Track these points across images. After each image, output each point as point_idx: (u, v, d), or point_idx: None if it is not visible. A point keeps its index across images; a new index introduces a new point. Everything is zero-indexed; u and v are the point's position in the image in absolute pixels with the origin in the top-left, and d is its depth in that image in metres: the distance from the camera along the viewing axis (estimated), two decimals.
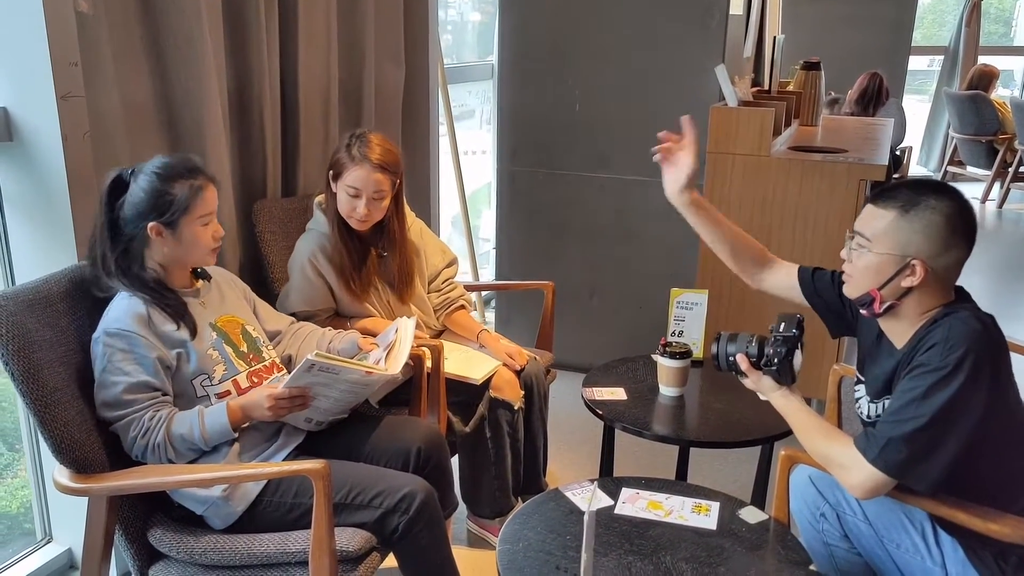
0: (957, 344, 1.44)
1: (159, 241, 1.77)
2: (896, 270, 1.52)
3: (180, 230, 1.77)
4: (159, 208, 1.74)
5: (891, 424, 1.48)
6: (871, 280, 1.55)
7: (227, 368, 1.84)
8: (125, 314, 1.73)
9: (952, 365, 1.43)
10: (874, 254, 1.54)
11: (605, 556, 1.57)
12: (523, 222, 3.67)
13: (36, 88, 1.87)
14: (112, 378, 1.70)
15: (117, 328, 1.71)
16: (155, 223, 1.74)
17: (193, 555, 1.74)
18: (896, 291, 1.54)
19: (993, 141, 6.88)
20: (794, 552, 1.61)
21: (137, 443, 1.70)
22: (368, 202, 2.22)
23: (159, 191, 1.73)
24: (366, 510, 1.76)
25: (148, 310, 1.75)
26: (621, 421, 2.13)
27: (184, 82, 2.15)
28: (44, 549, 2.27)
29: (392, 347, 2.04)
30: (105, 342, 1.71)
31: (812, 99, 3.95)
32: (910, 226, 1.51)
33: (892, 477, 1.49)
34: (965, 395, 1.43)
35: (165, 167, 1.76)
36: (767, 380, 1.71)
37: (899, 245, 1.52)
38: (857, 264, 1.58)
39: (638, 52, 3.32)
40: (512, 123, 3.58)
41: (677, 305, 2.45)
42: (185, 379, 1.79)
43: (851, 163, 2.99)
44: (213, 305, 1.90)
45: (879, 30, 6.28)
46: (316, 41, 2.60)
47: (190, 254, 1.82)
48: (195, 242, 1.79)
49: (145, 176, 1.75)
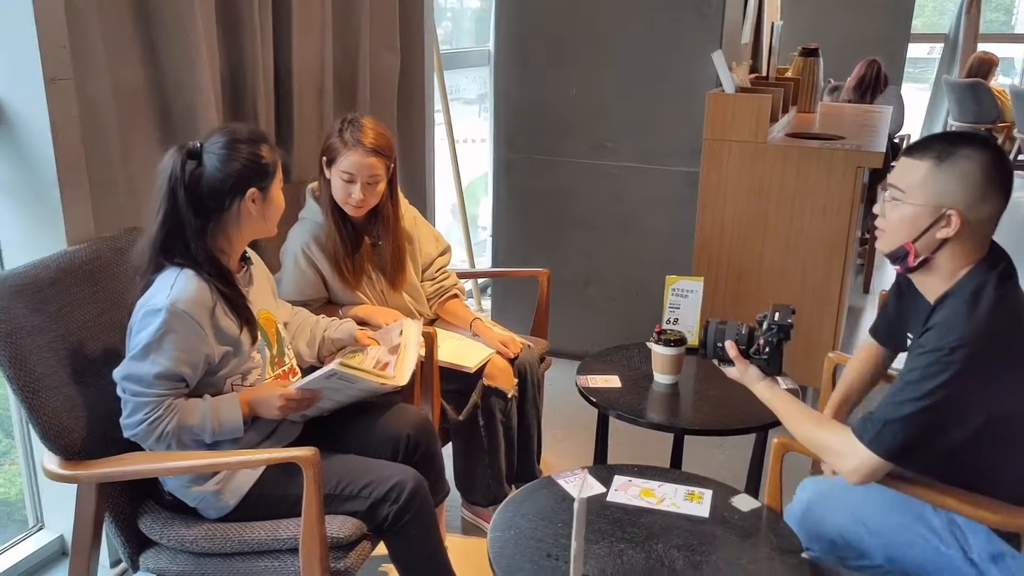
0: (954, 327, 1.42)
1: (252, 209, 1.74)
2: (931, 221, 1.48)
3: (271, 194, 1.78)
4: (258, 173, 1.73)
5: (888, 407, 1.47)
6: (905, 232, 1.51)
7: (261, 373, 1.82)
8: (194, 296, 1.66)
9: (948, 349, 1.41)
10: (909, 205, 1.50)
11: (596, 543, 1.56)
12: (519, 209, 3.65)
13: (24, 71, 1.85)
14: (153, 355, 1.63)
15: (184, 308, 1.64)
16: (254, 189, 1.73)
17: (184, 543, 1.74)
18: (931, 244, 1.50)
19: (992, 129, 6.86)
20: (786, 539, 1.60)
21: (143, 426, 1.64)
22: (363, 187, 2.20)
23: (255, 156, 1.72)
24: (356, 500, 1.75)
25: (215, 300, 1.70)
26: (615, 409, 2.12)
27: (176, 67, 2.13)
28: (36, 536, 2.26)
29: (398, 351, 2.01)
30: (167, 317, 1.62)
31: (810, 86, 3.93)
32: (945, 176, 1.47)
33: (887, 461, 1.47)
34: (962, 379, 1.41)
35: (247, 134, 1.74)
36: (754, 369, 1.71)
37: (934, 195, 1.47)
38: (891, 217, 1.54)
39: (635, 38, 3.29)
40: (508, 110, 3.56)
41: (672, 292, 2.44)
42: (221, 377, 1.76)
43: (848, 150, 2.97)
44: (256, 296, 1.86)
45: (878, 17, 6.24)
46: (310, 27, 2.57)
47: (275, 218, 1.82)
48: (279, 205, 1.81)
49: (227, 146, 1.71)
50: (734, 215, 3.11)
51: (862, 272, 4.76)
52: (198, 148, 1.72)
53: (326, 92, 2.68)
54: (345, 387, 1.83)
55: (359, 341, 2.08)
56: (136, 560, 1.79)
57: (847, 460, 1.50)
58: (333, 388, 1.82)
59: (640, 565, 1.51)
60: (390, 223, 2.34)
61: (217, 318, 1.70)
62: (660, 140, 3.34)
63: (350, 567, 1.71)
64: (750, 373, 1.71)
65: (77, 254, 1.85)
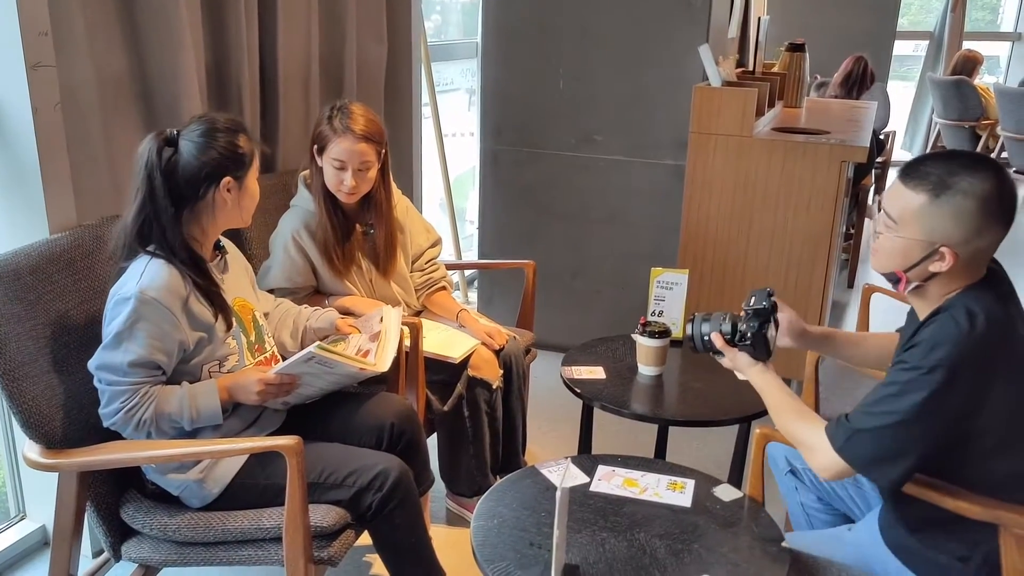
0: (938, 345, 1.39)
1: (227, 198, 1.74)
2: (923, 255, 1.44)
3: (246, 184, 1.78)
4: (234, 162, 1.72)
5: (861, 415, 1.46)
6: (897, 261, 1.48)
7: (239, 359, 1.81)
8: (165, 284, 1.65)
9: (927, 368, 1.38)
10: (901, 238, 1.45)
11: (579, 532, 1.57)
12: (506, 201, 3.65)
13: (5, 58, 1.83)
14: (126, 344, 1.63)
15: (155, 296, 1.63)
16: (229, 178, 1.72)
17: (167, 532, 1.73)
18: (923, 274, 1.46)
19: (976, 127, 6.91)
20: (767, 529, 1.61)
21: (120, 414, 1.64)
22: (354, 173, 2.20)
23: (232, 145, 1.72)
24: (340, 489, 1.75)
25: (187, 288, 1.69)
26: (600, 400, 2.13)
27: (159, 55, 2.11)
28: (18, 526, 2.25)
29: (379, 338, 2.02)
30: (137, 305, 1.62)
31: (796, 80, 3.95)
32: (939, 211, 1.41)
33: (855, 469, 1.47)
34: (938, 399, 1.38)
35: (224, 123, 1.74)
36: (743, 356, 1.71)
37: (926, 231, 1.42)
38: (884, 244, 1.50)
39: (623, 31, 3.30)
40: (496, 102, 3.55)
41: (657, 285, 2.45)
42: (197, 363, 1.75)
43: (833, 145, 2.99)
44: (230, 284, 1.86)
45: (865, 14, 6.27)
46: (296, 16, 2.56)
47: (249, 210, 1.81)
48: (254, 196, 1.81)
49: (205, 135, 1.71)
50: (720, 208, 3.12)
51: (846, 267, 4.79)
52: (175, 135, 1.72)
53: (312, 82, 2.67)
54: (324, 372, 1.82)
55: (340, 330, 2.08)
56: (118, 550, 1.78)
57: (819, 457, 1.51)
58: (312, 373, 1.81)
59: (622, 554, 1.52)
60: (383, 209, 2.34)
61: (189, 305, 1.70)
62: (646, 133, 3.35)
63: (334, 556, 1.71)
64: (739, 360, 1.71)
65: (58, 242, 1.84)
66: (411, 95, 3.23)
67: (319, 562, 1.70)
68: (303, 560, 1.64)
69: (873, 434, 1.43)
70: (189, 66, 2.14)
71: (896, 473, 1.45)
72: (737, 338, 1.71)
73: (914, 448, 1.43)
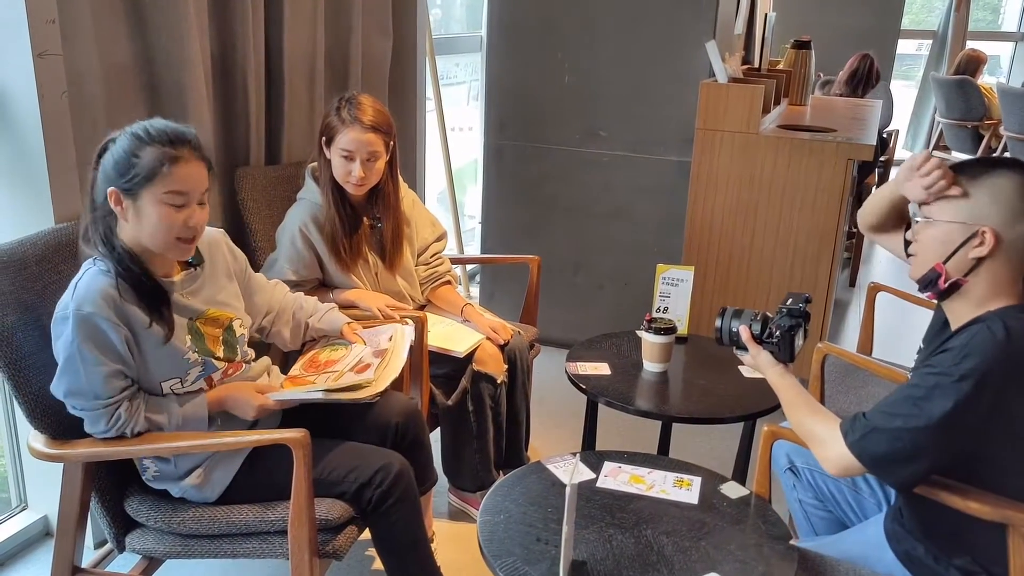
0: (971, 355, 1.37)
1: (119, 212, 1.58)
2: (964, 239, 1.42)
3: (141, 203, 1.56)
4: (123, 172, 1.55)
5: (881, 414, 1.45)
6: (936, 252, 1.45)
7: (204, 367, 1.73)
8: (96, 291, 1.56)
9: (957, 376, 1.36)
10: (940, 222, 1.44)
11: (586, 529, 1.56)
12: (509, 196, 3.64)
13: (12, 46, 1.82)
14: (83, 367, 1.56)
15: (87, 311, 1.55)
16: (113, 188, 1.56)
17: (171, 524, 1.72)
18: (963, 265, 1.43)
19: (979, 127, 6.90)
20: (775, 527, 1.61)
21: (110, 432, 1.61)
22: (362, 164, 2.19)
23: (127, 152, 1.55)
24: (342, 484, 1.74)
25: (119, 287, 1.59)
26: (604, 396, 2.12)
27: (165, 43, 2.10)
28: (19, 516, 2.24)
29: (384, 356, 1.93)
30: (76, 325, 1.54)
31: (802, 78, 3.94)
32: (977, 191, 1.42)
33: (865, 467, 1.46)
34: (962, 409, 1.36)
35: (146, 128, 1.58)
36: (765, 355, 1.70)
37: (966, 211, 1.42)
38: (922, 238, 1.49)
39: (629, 26, 3.28)
40: (500, 96, 3.54)
41: (663, 281, 2.44)
42: (152, 380, 1.66)
43: (839, 142, 2.98)
44: (199, 297, 1.74)
45: (869, 12, 6.26)
46: (302, 8, 2.55)
47: (151, 237, 1.59)
48: (156, 224, 1.57)
49: (125, 135, 1.59)
50: (725, 205, 3.12)
51: (849, 266, 4.78)
52: (113, 138, 1.61)
53: (317, 74, 2.66)
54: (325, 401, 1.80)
55: (345, 336, 2.02)
56: (122, 541, 1.78)
57: (828, 450, 1.50)
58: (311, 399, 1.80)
59: (630, 550, 1.51)
60: (390, 201, 2.33)
61: (123, 305, 1.59)
62: (651, 129, 3.34)
63: (338, 549, 1.70)
64: (762, 358, 1.70)
65: (64, 231, 1.83)
66: (415, 89, 3.23)
67: (324, 555, 1.69)
68: (308, 553, 1.64)
69: (889, 434, 1.42)
70: (195, 56, 2.13)
71: (905, 475, 1.45)
72: (764, 336, 1.70)
73: (929, 454, 1.42)
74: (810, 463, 1.86)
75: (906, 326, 1.92)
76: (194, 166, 1.59)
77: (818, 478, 1.86)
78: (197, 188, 1.61)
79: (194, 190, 1.60)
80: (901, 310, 2.44)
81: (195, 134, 1.63)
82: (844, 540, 1.73)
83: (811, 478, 1.87)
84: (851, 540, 1.72)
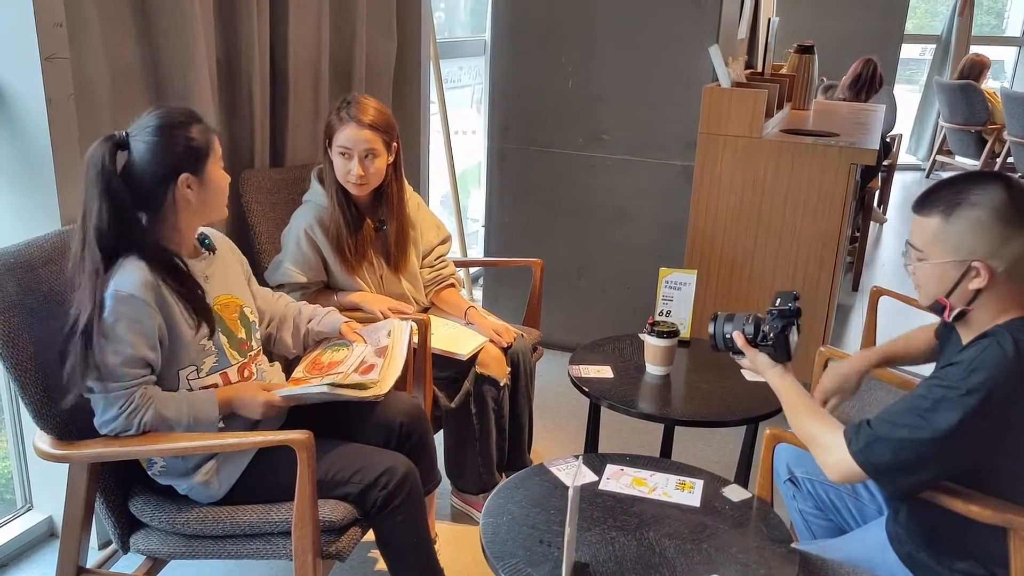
0: (979, 369, 1.37)
1: (188, 195, 1.67)
2: (959, 275, 1.44)
3: (207, 176, 1.69)
4: (188, 157, 1.65)
5: (885, 423, 1.45)
6: (937, 288, 1.47)
7: (218, 360, 1.76)
8: (138, 279, 1.61)
9: (964, 390, 1.37)
10: (932, 264, 1.46)
11: (588, 531, 1.57)
12: (513, 199, 3.65)
13: (20, 49, 1.84)
14: (112, 346, 1.59)
15: (128, 291, 1.60)
16: (186, 174, 1.65)
17: (175, 525, 1.73)
18: (965, 295, 1.45)
19: (982, 131, 6.90)
20: (776, 530, 1.61)
21: (120, 419, 1.62)
22: (360, 162, 2.19)
23: (183, 139, 1.64)
24: (346, 486, 1.75)
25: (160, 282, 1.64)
26: (607, 399, 2.13)
27: (171, 47, 2.12)
28: (24, 516, 2.25)
29: (385, 354, 1.94)
30: (113, 305, 1.59)
31: (805, 82, 3.94)
32: (956, 228, 1.42)
33: (867, 475, 1.46)
34: (969, 422, 1.37)
35: (172, 116, 1.66)
36: (763, 357, 1.70)
37: (952, 250, 1.43)
38: (920, 275, 1.51)
39: (632, 30, 3.30)
40: (504, 100, 3.55)
41: (665, 285, 2.45)
42: (171, 369, 1.70)
43: (843, 147, 2.99)
44: (215, 281, 1.80)
45: (872, 17, 6.27)
46: (307, 11, 2.56)
47: (217, 201, 1.74)
48: (220, 186, 1.73)
49: (152, 133, 1.63)
50: (728, 209, 3.12)
51: (852, 270, 4.79)
52: (125, 137, 1.64)
53: (322, 77, 2.67)
54: (333, 398, 1.80)
55: (344, 335, 2.03)
56: (126, 541, 1.78)
57: (830, 456, 1.50)
58: (317, 397, 1.80)
59: (632, 553, 1.52)
60: (394, 203, 2.33)
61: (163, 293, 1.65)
62: (654, 133, 3.35)
63: (342, 550, 1.71)
64: (759, 361, 1.71)
65: (70, 234, 1.83)
66: (419, 92, 3.24)
67: (327, 556, 1.70)
68: (311, 554, 1.64)
69: (894, 444, 1.42)
70: (200, 59, 2.15)
71: (907, 484, 1.45)
72: (759, 338, 1.70)
73: (933, 465, 1.42)
74: (810, 472, 1.85)
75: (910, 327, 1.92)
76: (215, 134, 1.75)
77: (818, 487, 1.86)
78: None
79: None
80: (904, 314, 2.45)
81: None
82: (846, 543, 1.74)
83: (811, 488, 1.87)
84: (853, 542, 1.72)
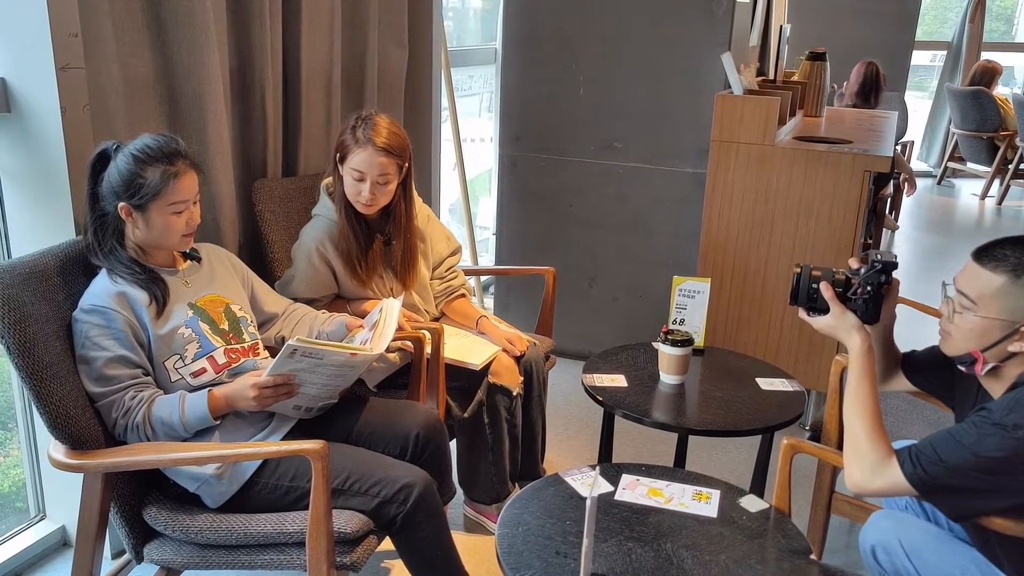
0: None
1: (130, 222, 1.76)
2: (1003, 335, 1.44)
3: (150, 215, 1.74)
4: (130, 190, 1.72)
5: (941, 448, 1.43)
6: (974, 343, 1.47)
7: (201, 345, 1.81)
8: (102, 291, 1.73)
9: (1011, 426, 1.37)
10: (979, 318, 1.45)
11: (605, 542, 1.56)
12: (524, 208, 3.65)
13: (35, 59, 1.84)
14: (91, 354, 1.69)
15: (91, 304, 1.71)
16: (125, 204, 1.73)
17: (189, 533, 1.73)
18: (1001, 354, 1.46)
19: (994, 137, 6.87)
20: (795, 541, 1.60)
21: (118, 423, 1.70)
22: (373, 186, 2.17)
23: (132, 173, 1.71)
24: (363, 497, 1.74)
25: (126, 288, 1.74)
26: (621, 408, 2.12)
27: (185, 57, 2.12)
28: (37, 526, 2.25)
29: (377, 326, 1.99)
30: (81, 319, 1.70)
31: (817, 89, 3.93)
32: (1021, 291, 1.41)
33: (921, 495, 1.44)
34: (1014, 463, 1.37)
35: (144, 149, 1.72)
36: (851, 316, 1.61)
37: (1008, 311, 1.43)
38: (960, 325, 1.49)
39: (643, 38, 3.29)
40: (515, 108, 3.55)
41: (679, 293, 2.44)
42: (157, 362, 1.77)
43: (856, 154, 2.97)
44: (199, 284, 1.88)
45: (883, 24, 6.25)
46: (319, 21, 2.57)
47: (160, 240, 1.79)
48: (165, 230, 1.77)
49: (124, 155, 1.73)
50: (741, 217, 3.11)
51: None
52: (112, 150, 1.75)
53: (334, 86, 2.68)
54: (316, 366, 1.76)
55: (349, 330, 2.08)
56: (140, 551, 1.78)
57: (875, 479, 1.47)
58: (306, 370, 1.75)
59: (649, 564, 1.50)
60: (402, 223, 2.32)
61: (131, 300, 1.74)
62: (667, 141, 3.34)
63: (356, 562, 1.70)
64: (847, 319, 1.61)
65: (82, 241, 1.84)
66: (431, 101, 3.24)
67: (341, 567, 1.69)
68: (326, 565, 1.63)
69: (952, 470, 1.41)
70: (214, 69, 2.15)
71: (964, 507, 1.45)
72: (851, 292, 1.61)
73: (991, 497, 1.42)
74: (895, 563, 1.66)
75: (920, 336, 1.90)
76: (189, 176, 1.77)
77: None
78: (193, 193, 1.79)
79: (191, 196, 1.79)
80: (916, 320, 2.43)
81: (182, 143, 1.79)
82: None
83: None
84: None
